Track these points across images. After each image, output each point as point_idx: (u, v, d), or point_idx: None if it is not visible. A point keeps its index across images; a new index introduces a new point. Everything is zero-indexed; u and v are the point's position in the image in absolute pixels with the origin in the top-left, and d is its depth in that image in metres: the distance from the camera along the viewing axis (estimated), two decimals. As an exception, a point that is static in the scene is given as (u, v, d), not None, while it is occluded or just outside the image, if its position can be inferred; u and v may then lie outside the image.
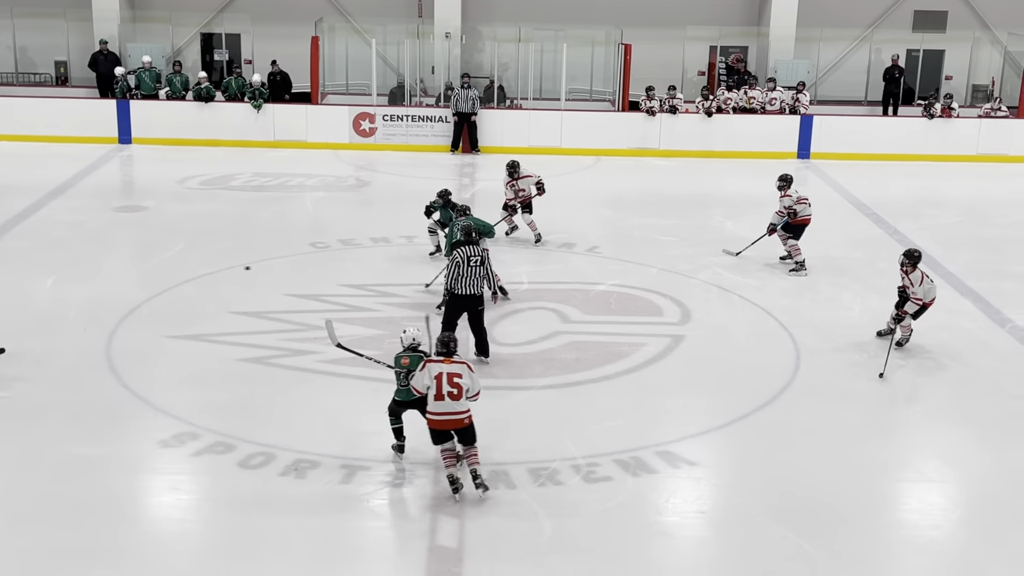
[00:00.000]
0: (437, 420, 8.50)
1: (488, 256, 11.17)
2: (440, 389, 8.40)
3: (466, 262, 10.94)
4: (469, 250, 11.02)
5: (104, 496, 8.58)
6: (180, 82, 22.42)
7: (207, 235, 15.64)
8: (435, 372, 8.44)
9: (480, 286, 11.03)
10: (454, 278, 10.96)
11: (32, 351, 11.29)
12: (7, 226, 15.77)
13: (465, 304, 11.02)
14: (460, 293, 10.97)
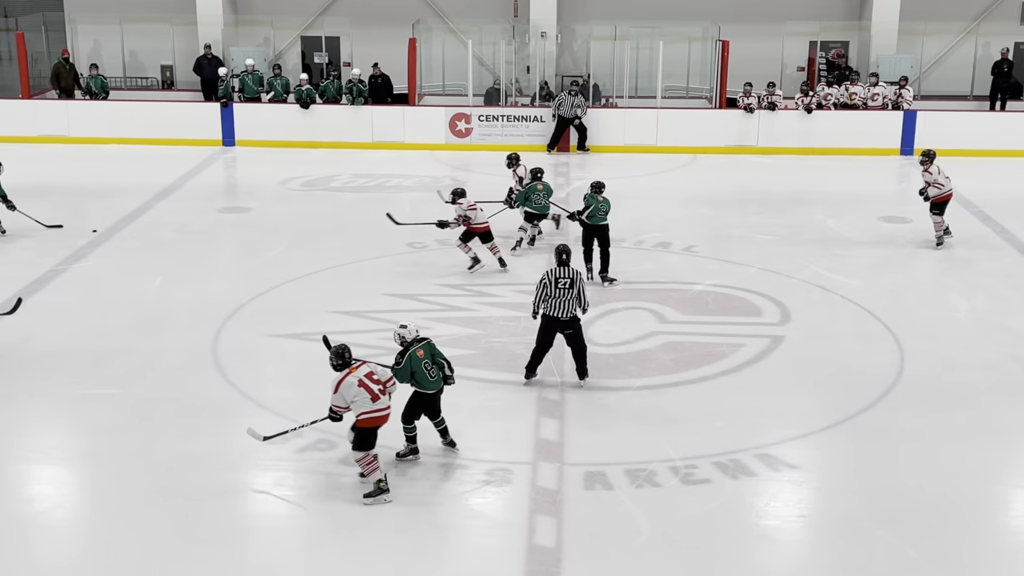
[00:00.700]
0: (376, 417, 8.58)
1: (580, 277, 10.60)
2: (372, 390, 8.54)
3: (554, 284, 10.43)
4: (558, 271, 10.50)
5: (213, 490, 8.81)
6: (281, 85, 22.84)
7: (308, 235, 15.91)
8: (355, 382, 8.53)
9: (572, 308, 10.48)
10: (542, 299, 10.51)
11: (142, 349, 11.64)
12: (117, 227, 16.24)
13: (557, 326, 10.55)
14: (551, 315, 10.51)
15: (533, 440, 9.68)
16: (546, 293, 10.46)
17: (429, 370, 9.02)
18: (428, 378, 9.03)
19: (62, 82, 23.07)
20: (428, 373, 9.02)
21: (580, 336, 10.65)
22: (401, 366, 8.95)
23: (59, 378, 10.94)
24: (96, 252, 15.00)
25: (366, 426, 8.57)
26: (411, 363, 8.97)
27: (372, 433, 8.60)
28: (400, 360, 8.96)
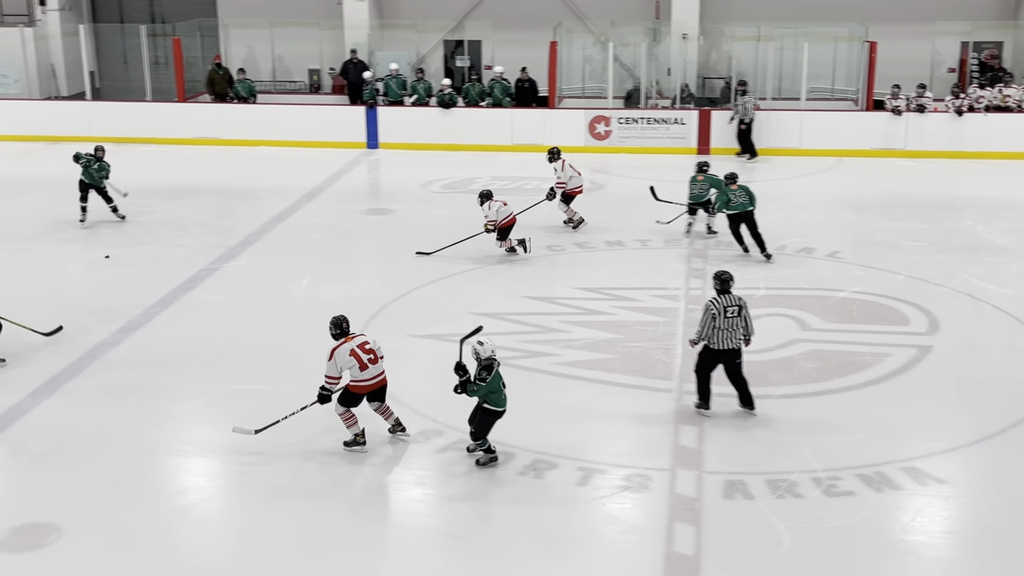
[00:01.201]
0: (366, 385, 9.37)
1: (746, 304, 10.02)
2: (361, 360, 9.25)
3: (722, 314, 9.81)
4: (725, 299, 9.88)
5: (355, 487, 9.03)
6: (424, 88, 23.22)
7: (447, 237, 16.12)
8: (347, 352, 9.26)
9: (737, 338, 9.94)
10: (709, 329, 9.87)
11: (290, 347, 11.98)
12: (266, 227, 16.75)
13: (721, 357, 9.98)
14: (715, 347, 9.92)
15: (671, 447, 9.64)
16: (714, 324, 9.84)
17: (503, 388, 9.18)
18: (503, 396, 9.15)
19: (215, 87, 23.92)
20: (503, 391, 9.17)
21: (740, 369, 10.09)
22: (487, 383, 9.00)
23: (211, 373, 11.36)
24: (247, 252, 15.50)
25: (354, 392, 9.39)
26: (496, 381, 9.07)
27: (358, 398, 9.45)
28: (486, 377, 9.00)
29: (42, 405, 10.52)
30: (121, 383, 11.09)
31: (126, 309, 12.98)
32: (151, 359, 11.71)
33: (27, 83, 25.15)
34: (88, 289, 13.95)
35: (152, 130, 22.87)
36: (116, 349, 11.91)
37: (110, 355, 11.77)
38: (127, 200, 17.10)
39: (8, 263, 14.92)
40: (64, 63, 26.27)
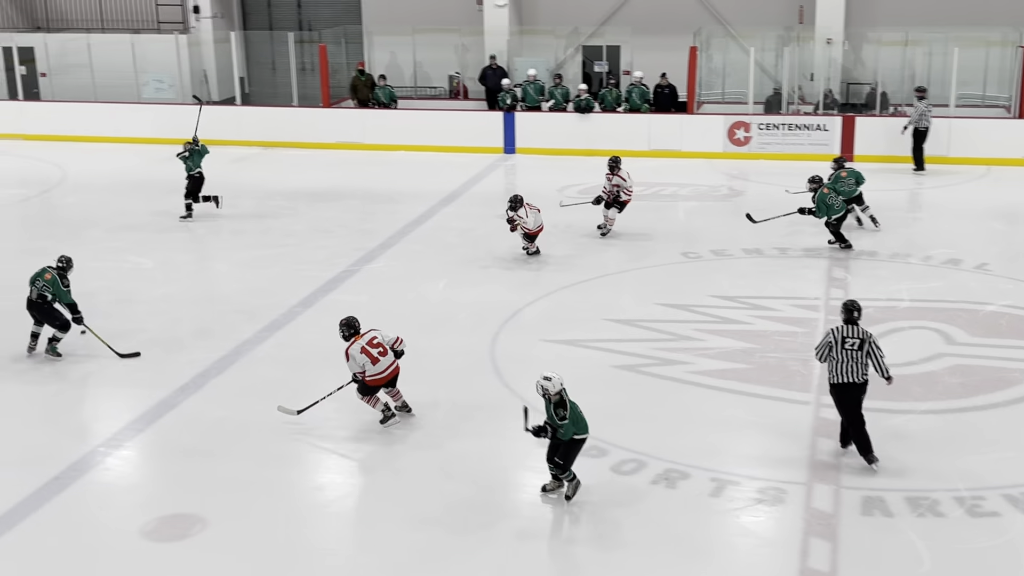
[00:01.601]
0: (381, 377, 10.01)
1: (872, 338, 9.20)
2: (372, 355, 9.89)
3: (840, 344, 9.11)
4: (847, 330, 9.18)
5: (485, 487, 9.12)
6: (561, 94, 23.30)
7: (581, 242, 16.15)
8: (358, 350, 9.88)
9: (858, 373, 9.11)
10: (824, 356, 9.21)
11: (425, 349, 12.16)
12: (404, 231, 17.03)
13: (843, 393, 9.20)
14: (834, 381, 9.19)
15: (808, 460, 9.46)
16: (830, 354, 9.18)
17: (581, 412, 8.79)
18: (586, 422, 8.78)
19: (358, 93, 24.44)
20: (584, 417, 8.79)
21: (858, 408, 9.23)
22: (570, 419, 8.61)
23: (346, 373, 11.58)
24: (386, 254, 15.80)
25: (372, 385, 10.01)
26: (576, 410, 8.68)
27: (375, 389, 10.07)
28: (564, 414, 8.59)
29: (190, 400, 10.92)
30: (264, 380, 11.43)
31: (270, 309, 13.37)
32: (293, 357, 12.04)
33: (181, 88, 26.10)
34: (234, 288, 14.42)
35: (297, 134, 23.49)
36: (260, 347, 12.29)
37: (254, 353, 12.14)
38: (271, 202, 17.61)
39: (162, 261, 15.52)
40: (216, 69, 27.21)
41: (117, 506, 9.08)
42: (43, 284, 11.77)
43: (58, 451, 9.81)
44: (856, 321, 9.24)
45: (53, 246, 16.45)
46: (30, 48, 26.60)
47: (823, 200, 14.94)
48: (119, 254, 15.85)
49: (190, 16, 27.60)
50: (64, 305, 11.86)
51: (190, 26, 27.58)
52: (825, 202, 14.96)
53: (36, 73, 26.68)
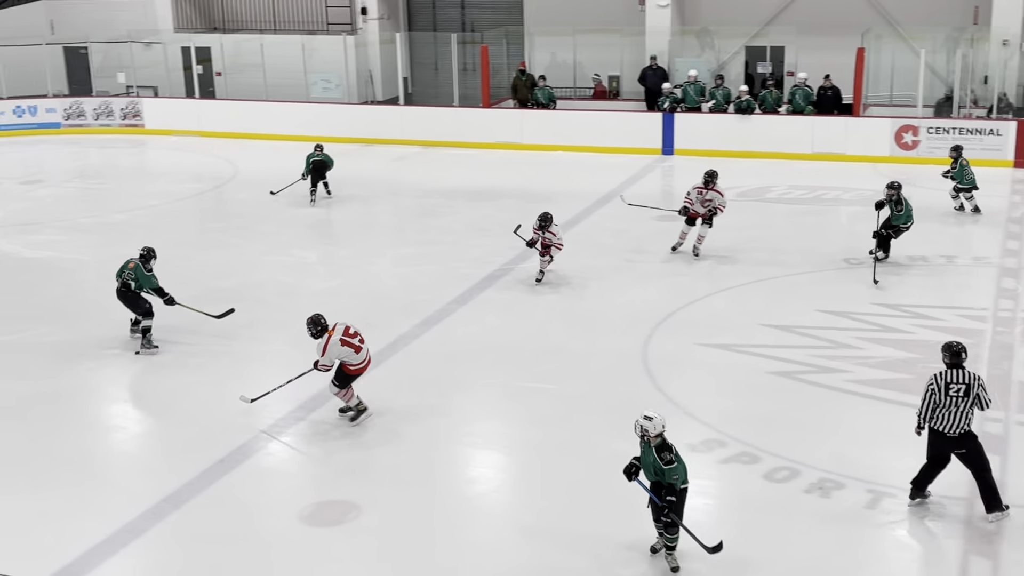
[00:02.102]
0: (362, 367, 10.12)
1: (979, 382, 8.39)
2: (353, 344, 9.96)
3: (944, 391, 8.34)
4: (949, 375, 8.39)
5: (629, 490, 9.08)
6: (722, 95, 23.03)
7: (737, 246, 15.92)
8: (337, 343, 9.91)
9: (965, 422, 8.33)
10: (930, 407, 8.43)
11: (577, 349, 12.23)
12: (561, 230, 17.06)
13: (947, 444, 8.43)
14: (935, 427, 8.43)
15: (970, 475, 9.11)
16: (934, 401, 8.40)
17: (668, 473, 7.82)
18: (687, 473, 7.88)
19: (519, 93, 24.66)
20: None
21: (980, 457, 8.44)
22: (676, 463, 7.76)
23: (502, 369, 11.76)
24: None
25: (350, 374, 10.04)
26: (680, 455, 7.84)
27: (352, 379, 10.10)
28: (670, 457, 7.74)
29: (347, 390, 11.22)
30: (419, 374, 11.67)
31: (427, 304, 13.63)
32: (447, 353, 12.26)
33: (347, 88, 26.83)
34: (392, 284, 14.74)
35: (457, 134, 23.84)
36: (416, 342, 12.54)
37: (411, 347, 12.40)
38: (429, 200, 17.90)
39: (325, 256, 15.99)
40: (380, 69, 27.87)
41: (277, 490, 9.43)
42: (127, 273, 12.25)
43: (224, 435, 10.23)
44: (962, 364, 8.44)
45: (224, 239, 17.22)
46: (207, 48, 27.77)
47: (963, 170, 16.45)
48: (285, 248, 16.40)
49: (358, 18, 28.33)
50: (151, 291, 12.36)
51: (357, 27, 28.31)
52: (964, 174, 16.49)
53: (212, 72, 27.82)
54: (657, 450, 7.72)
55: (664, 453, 7.70)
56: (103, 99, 26.76)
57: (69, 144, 25.40)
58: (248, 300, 13.94)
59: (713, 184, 15.21)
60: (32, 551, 8.34)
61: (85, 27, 28.07)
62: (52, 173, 22.95)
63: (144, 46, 27.90)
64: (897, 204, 14.58)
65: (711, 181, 15.22)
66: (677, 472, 7.70)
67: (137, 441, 10.59)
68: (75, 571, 8.03)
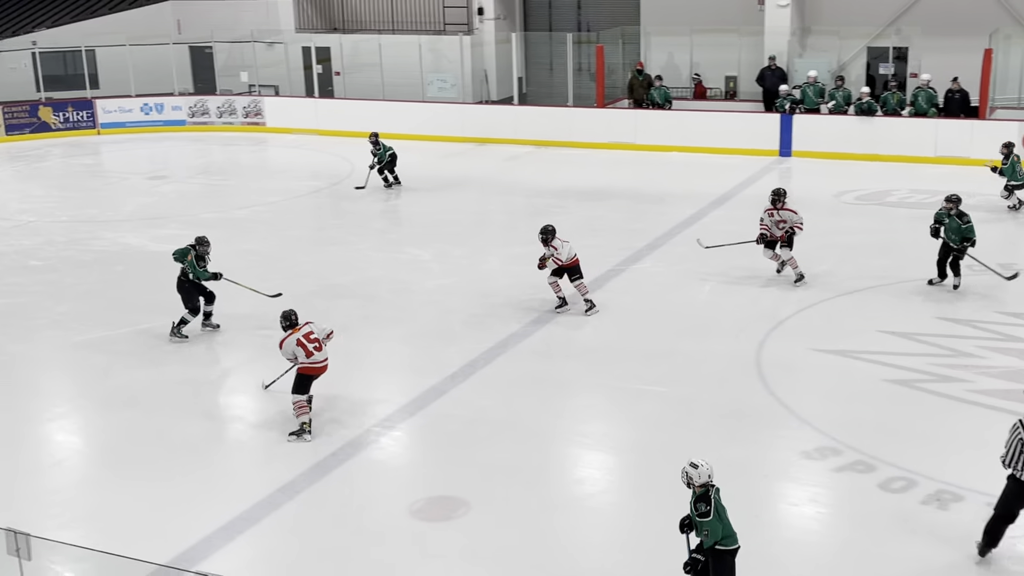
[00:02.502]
0: (316, 367, 10.27)
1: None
2: (307, 348, 10.18)
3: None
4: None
5: (743, 497, 8.98)
6: (843, 97, 22.59)
7: (856, 250, 15.62)
8: (294, 342, 10.20)
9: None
10: (1017, 455, 7.62)
11: (688, 351, 12.13)
12: (672, 232, 16.98)
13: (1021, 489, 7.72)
14: (1016, 476, 7.72)
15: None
16: (1020, 449, 7.61)
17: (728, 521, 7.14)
18: (732, 528, 7.14)
19: (635, 93, 24.56)
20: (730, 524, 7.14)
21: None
22: (711, 517, 7.01)
23: (612, 370, 11.73)
24: (652, 255, 15.82)
25: (304, 374, 10.23)
26: (719, 512, 7.07)
27: (309, 380, 10.25)
28: (706, 509, 7.02)
29: (458, 387, 11.34)
30: (529, 373, 11.72)
31: (538, 303, 13.66)
32: (557, 352, 12.29)
33: (462, 88, 27.07)
34: (504, 283, 14.81)
35: (571, 134, 23.86)
36: (527, 341, 12.59)
37: (521, 346, 12.45)
38: (541, 199, 17.92)
39: (438, 254, 16.16)
40: (496, 69, 28.05)
41: (388, 483, 9.57)
42: (187, 264, 12.74)
43: (337, 428, 10.42)
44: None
45: (340, 236, 17.54)
46: (327, 48, 28.30)
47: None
48: (399, 246, 16.63)
49: (474, 18, 28.55)
50: (205, 282, 12.78)
51: (474, 27, 28.53)
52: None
53: (331, 72, 28.34)
54: (696, 500, 7.09)
55: (700, 504, 7.03)
56: (226, 97, 27.49)
57: (193, 141, 26.15)
58: (362, 296, 14.19)
59: (782, 203, 14.17)
60: (154, 535, 8.61)
61: (210, 27, 28.86)
62: (177, 169, 23.66)
63: (266, 46, 28.58)
64: (961, 217, 13.56)
65: (779, 200, 14.16)
66: (709, 527, 6.98)
67: (254, 431, 10.84)
68: (194, 556, 8.27)
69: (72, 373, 12.38)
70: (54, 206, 19.99)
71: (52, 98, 27.36)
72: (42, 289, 14.74)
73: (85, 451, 10.64)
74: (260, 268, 15.51)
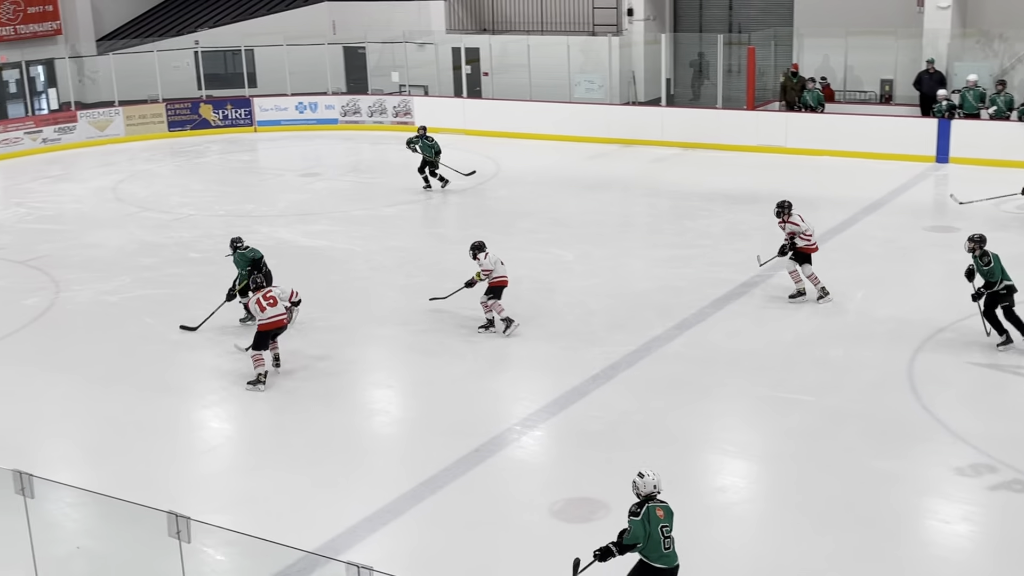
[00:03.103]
0: (268, 323, 11.65)
1: None
2: (262, 305, 11.64)
3: None
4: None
5: (890, 511, 8.74)
6: (1004, 102, 21.71)
7: (1020, 263, 14.98)
8: (254, 302, 11.68)
9: None
10: None
11: (835, 361, 11.85)
12: (823, 237, 16.41)
13: None
14: None
15: None
16: None
17: (665, 537, 7.08)
18: (662, 549, 7.06)
19: (787, 95, 24.10)
20: (663, 541, 7.07)
21: None
22: (639, 517, 7.09)
23: (757, 378, 11.53)
24: (801, 261, 15.49)
25: (262, 330, 11.66)
26: (648, 520, 7.08)
27: (265, 337, 11.69)
28: (635, 511, 7.14)
29: (600, 389, 11.32)
30: (671, 377, 11.63)
31: (681, 307, 13.55)
32: (701, 357, 12.15)
33: (609, 89, 27.00)
34: (648, 286, 14.72)
35: (719, 136, 23.55)
36: (670, 345, 12.49)
37: (664, 349, 12.36)
38: (687, 202, 17.71)
39: (582, 255, 16.16)
40: (644, 70, 27.89)
41: (529, 482, 9.62)
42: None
43: (480, 425, 10.52)
44: None
45: (485, 235, 17.65)
46: (476, 49, 28.58)
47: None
48: (543, 246, 16.68)
49: (624, 19, 28.45)
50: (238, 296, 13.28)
51: (623, 28, 28.43)
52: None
53: (479, 72, 28.62)
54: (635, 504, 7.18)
55: (634, 506, 7.14)
56: (377, 97, 28.04)
57: (344, 140, 26.76)
58: (506, 296, 14.26)
59: (785, 215, 13.63)
60: (301, 524, 8.84)
61: (364, 28, 29.49)
62: (329, 167, 24.25)
63: (417, 46, 29.04)
64: (983, 257, 11.97)
65: (782, 212, 13.65)
66: (631, 526, 7.09)
67: (398, 426, 11.05)
68: (339, 546, 8.46)
69: (226, 362, 12.80)
70: (212, 200, 20.72)
71: (212, 96, 28.38)
72: (200, 280, 15.28)
73: (236, 438, 11.01)
74: (406, 265, 15.80)
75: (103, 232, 18.29)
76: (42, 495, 6.86)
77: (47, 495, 7.00)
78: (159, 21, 32.93)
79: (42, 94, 30.22)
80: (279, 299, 11.79)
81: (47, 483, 6.96)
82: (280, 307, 11.75)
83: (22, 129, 25.89)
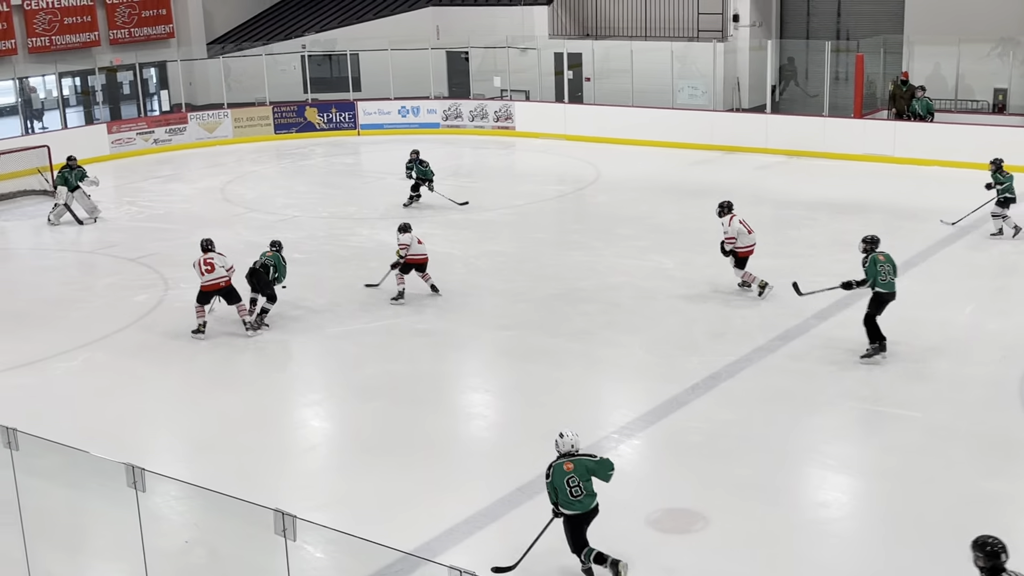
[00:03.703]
0: (207, 285, 13.20)
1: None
2: (201, 269, 13.17)
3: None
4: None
5: (999, 532, 8.44)
6: None
7: None
8: (194, 264, 13.30)
9: None
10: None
11: (943, 376, 11.55)
12: (930, 250, 16.19)
13: None
14: None
15: None
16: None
17: (572, 487, 8.01)
18: (569, 496, 8.02)
19: (896, 103, 23.57)
20: (570, 491, 8.02)
21: None
22: (548, 479, 8.12)
23: (861, 391, 11.30)
24: (908, 273, 15.03)
25: (204, 290, 13.26)
26: (554, 476, 8.05)
27: (207, 295, 13.29)
28: (548, 472, 8.12)
29: (700, 400, 11.19)
30: (773, 387, 11.45)
31: (782, 318, 13.33)
32: (803, 369, 11.93)
33: (712, 95, 26.73)
34: (750, 295, 14.49)
35: (824, 144, 23.15)
36: (772, 356, 12.29)
37: (766, 360, 12.17)
38: (790, 211, 17.40)
39: (682, 262, 15.99)
40: (748, 76, 27.57)
41: (626, 491, 9.50)
42: (267, 256, 13.72)
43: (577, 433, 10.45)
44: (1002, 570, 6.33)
45: (584, 241, 17.64)
46: (578, 54, 28.56)
47: None
48: (643, 252, 16.58)
49: (729, 25, 28.15)
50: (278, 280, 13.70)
51: (728, 34, 28.13)
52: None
53: (581, 77, 28.58)
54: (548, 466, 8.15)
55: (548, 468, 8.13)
56: (479, 102, 28.19)
57: (445, 144, 26.93)
58: (604, 302, 14.22)
59: (723, 212, 14.24)
60: (398, 526, 8.90)
61: (467, 33, 29.67)
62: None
63: (519, 51, 29.12)
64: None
65: (722, 212, 14.23)
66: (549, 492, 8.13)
67: (494, 429, 11.07)
68: (436, 547, 8.50)
69: (327, 362, 12.99)
70: (316, 202, 21.04)
71: (317, 99, 28.83)
72: (303, 281, 15.50)
73: (336, 438, 11.15)
74: (505, 270, 15.84)
75: (211, 232, 18.56)
76: (150, 488, 7.01)
77: (155, 488, 7.15)
78: (267, 25, 33.59)
79: (154, 96, 31.06)
80: (216, 266, 13.18)
81: (155, 476, 7.11)
82: (218, 272, 13.19)
83: (135, 130, 26.64)
